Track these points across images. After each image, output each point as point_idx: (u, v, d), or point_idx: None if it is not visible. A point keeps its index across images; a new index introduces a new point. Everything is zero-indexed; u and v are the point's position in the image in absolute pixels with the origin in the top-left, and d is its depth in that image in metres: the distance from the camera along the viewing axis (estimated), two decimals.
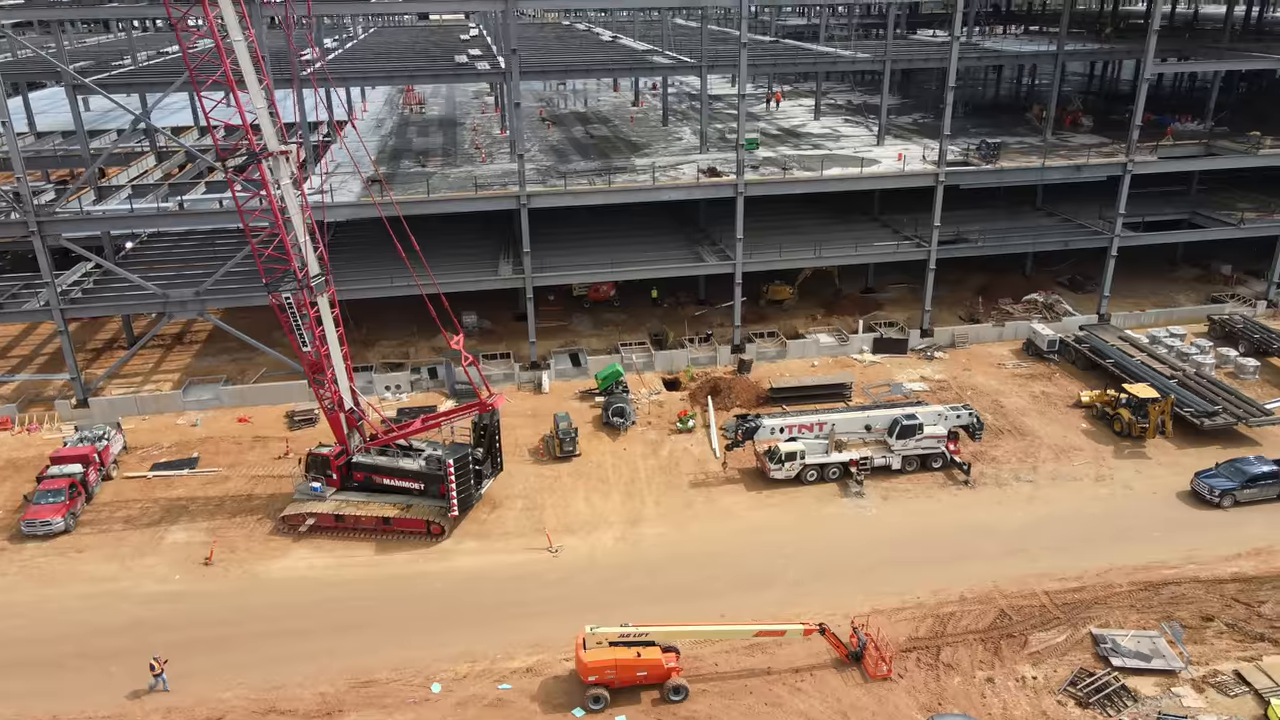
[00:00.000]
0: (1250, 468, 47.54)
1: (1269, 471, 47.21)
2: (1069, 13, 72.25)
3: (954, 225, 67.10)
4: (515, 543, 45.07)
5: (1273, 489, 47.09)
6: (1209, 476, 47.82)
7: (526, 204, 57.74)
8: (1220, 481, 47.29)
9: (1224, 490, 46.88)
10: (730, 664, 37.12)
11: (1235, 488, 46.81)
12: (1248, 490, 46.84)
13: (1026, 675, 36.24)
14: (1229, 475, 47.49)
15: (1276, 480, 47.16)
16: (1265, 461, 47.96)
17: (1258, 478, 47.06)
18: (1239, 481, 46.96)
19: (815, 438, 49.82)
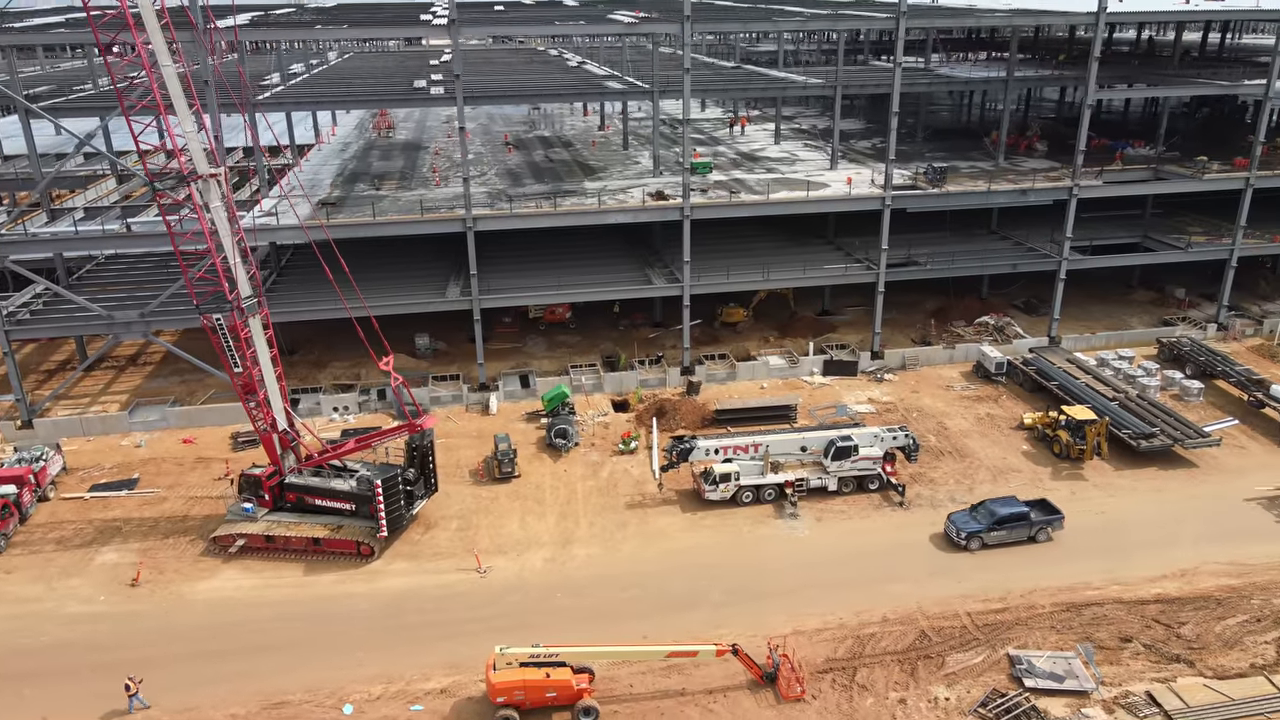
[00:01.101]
0: (1000, 509, 45.61)
1: (1017, 514, 45.42)
2: (1016, 40, 73.17)
3: (905, 248, 67.75)
4: (445, 563, 45.12)
5: (1022, 531, 45.41)
6: (958, 518, 46.24)
7: (473, 227, 58.21)
8: (968, 524, 45.60)
9: (970, 532, 45.18)
10: (645, 685, 37.12)
11: (982, 530, 45.16)
12: (995, 533, 45.13)
13: (940, 696, 36.28)
14: (978, 517, 45.82)
15: (1025, 522, 45.42)
16: (1015, 503, 46.13)
17: (1005, 520, 45.22)
18: (986, 523, 45.25)
19: (751, 459, 50.02)
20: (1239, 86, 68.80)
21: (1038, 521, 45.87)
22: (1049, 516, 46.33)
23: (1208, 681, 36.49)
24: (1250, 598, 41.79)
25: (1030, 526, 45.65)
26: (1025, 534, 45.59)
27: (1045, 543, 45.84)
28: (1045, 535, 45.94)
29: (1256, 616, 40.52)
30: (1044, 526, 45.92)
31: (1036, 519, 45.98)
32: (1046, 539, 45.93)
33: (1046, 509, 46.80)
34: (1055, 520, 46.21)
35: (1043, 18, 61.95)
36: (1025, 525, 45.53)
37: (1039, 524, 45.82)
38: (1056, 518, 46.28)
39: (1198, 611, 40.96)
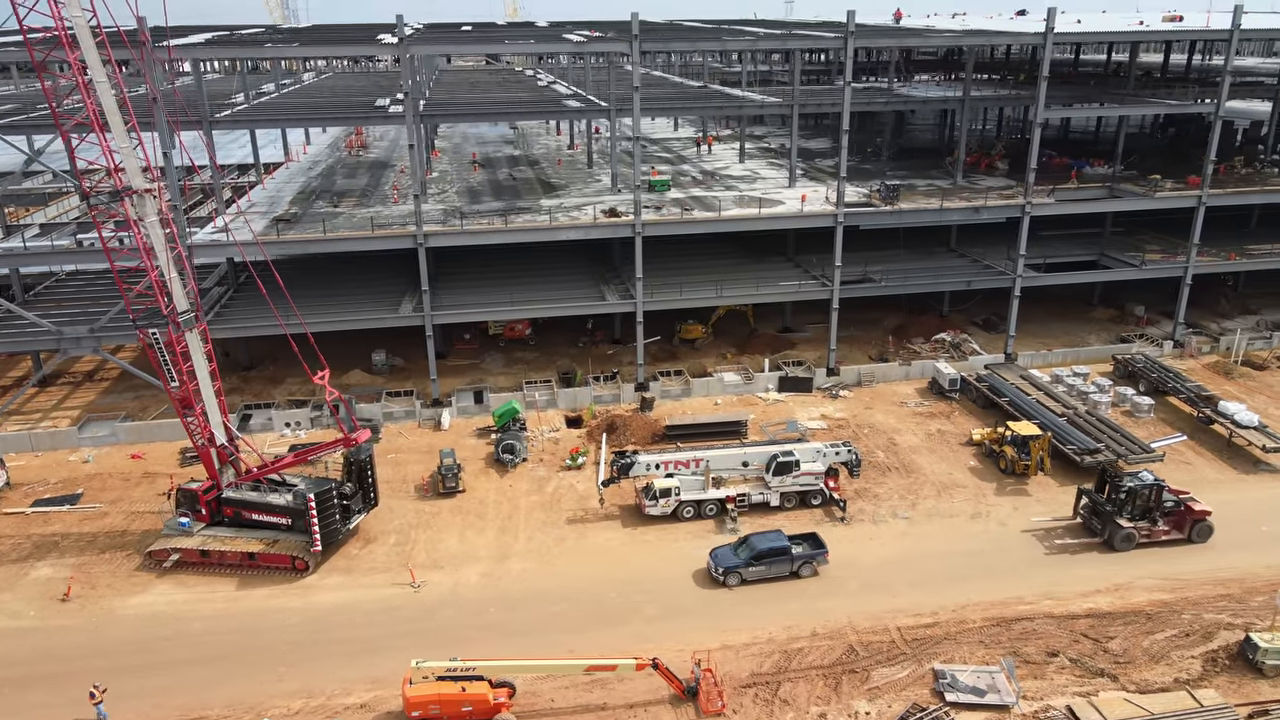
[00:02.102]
0: (760, 543, 44.09)
1: (777, 549, 43.78)
2: (973, 61, 73.89)
3: (863, 265, 68.17)
4: (380, 578, 45.04)
5: (783, 566, 43.80)
6: (720, 552, 44.68)
7: (424, 243, 58.49)
8: (728, 559, 44.06)
9: (728, 568, 43.57)
10: (567, 699, 37.00)
11: (740, 565, 43.60)
12: (754, 568, 43.55)
13: (861, 710, 36.18)
14: (740, 552, 44.28)
15: (786, 557, 43.81)
16: (778, 537, 44.48)
17: (764, 554, 43.62)
18: (745, 558, 43.75)
19: (692, 474, 50.08)
20: (1188, 106, 69.52)
21: (800, 556, 44.03)
22: (813, 551, 44.42)
23: (1129, 696, 36.41)
24: (1182, 613, 41.76)
25: (792, 561, 43.86)
26: (787, 569, 43.82)
27: (809, 578, 44.05)
28: (809, 570, 44.14)
29: (1186, 631, 40.48)
30: (807, 561, 44.09)
31: (800, 554, 44.14)
32: (811, 574, 44.13)
33: (815, 543, 44.88)
34: (819, 555, 44.31)
35: (993, 38, 62.70)
36: (786, 560, 43.79)
37: (801, 559, 44.02)
38: (820, 553, 44.32)
39: (1127, 626, 40.93)
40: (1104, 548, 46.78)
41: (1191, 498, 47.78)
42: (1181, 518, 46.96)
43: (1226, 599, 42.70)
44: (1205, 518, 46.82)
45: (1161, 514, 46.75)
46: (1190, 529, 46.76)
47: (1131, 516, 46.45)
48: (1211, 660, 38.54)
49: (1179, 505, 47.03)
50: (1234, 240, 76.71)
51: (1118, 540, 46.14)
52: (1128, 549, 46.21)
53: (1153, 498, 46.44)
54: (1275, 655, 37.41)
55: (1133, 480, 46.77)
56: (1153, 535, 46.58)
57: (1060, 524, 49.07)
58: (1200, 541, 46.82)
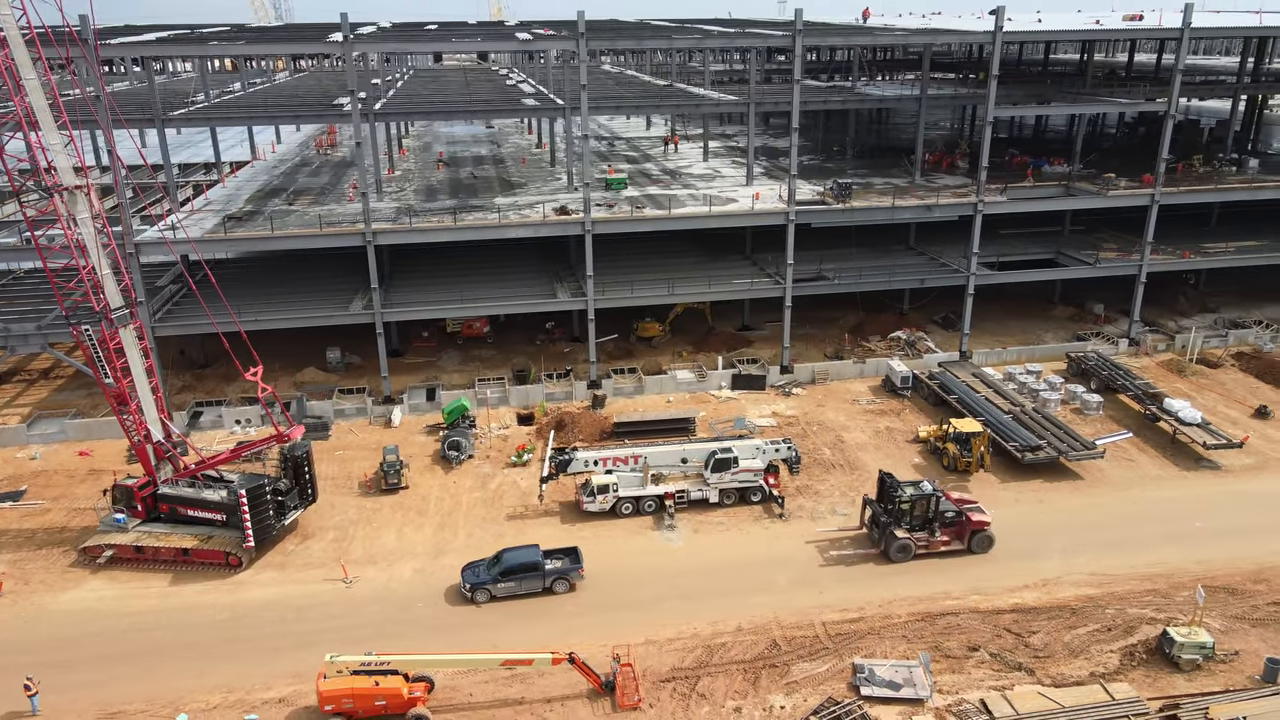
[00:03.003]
0: (511, 559, 42.77)
1: (528, 564, 42.59)
2: (928, 60, 74.06)
3: (817, 264, 68.38)
4: (314, 574, 45.19)
5: (535, 582, 42.53)
6: (469, 569, 43.41)
7: (372, 241, 58.62)
8: (476, 574, 42.79)
9: (476, 584, 42.37)
10: (486, 694, 37.17)
11: (489, 581, 42.37)
12: (503, 584, 42.30)
13: (776, 704, 36.36)
14: (491, 567, 42.97)
15: (537, 573, 42.55)
16: (531, 553, 43.16)
17: (514, 570, 42.38)
18: (494, 574, 42.48)
19: (631, 471, 50.25)
20: (1140, 105, 69.71)
21: (552, 572, 42.84)
22: (568, 567, 43.19)
23: (1042, 689, 36.60)
24: (1106, 607, 41.98)
25: (544, 577, 42.69)
26: (539, 585, 42.64)
27: (565, 594, 42.90)
28: (564, 586, 42.95)
29: (1108, 626, 40.68)
30: (561, 577, 42.84)
31: (552, 569, 42.90)
32: (566, 589, 42.96)
33: (575, 558, 43.65)
34: (573, 571, 43.09)
35: (939, 36, 62.91)
36: (538, 576, 42.62)
37: (554, 575, 42.79)
38: (575, 568, 43.13)
39: (1051, 621, 41.12)
40: (881, 559, 45.38)
41: (976, 507, 46.33)
42: (962, 528, 45.45)
43: (1153, 594, 42.92)
44: (984, 528, 45.34)
45: (942, 524, 45.35)
46: (970, 539, 45.39)
47: (911, 527, 45.15)
48: (1129, 654, 38.76)
49: (960, 516, 45.59)
50: (1194, 238, 77.00)
51: (892, 551, 44.83)
52: (903, 560, 44.91)
53: (932, 508, 45.10)
54: (1191, 650, 37.64)
55: (912, 489, 45.20)
56: (931, 546, 45.22)
57: (847, 534, 47.68)
58: (980, 552, 45.47)
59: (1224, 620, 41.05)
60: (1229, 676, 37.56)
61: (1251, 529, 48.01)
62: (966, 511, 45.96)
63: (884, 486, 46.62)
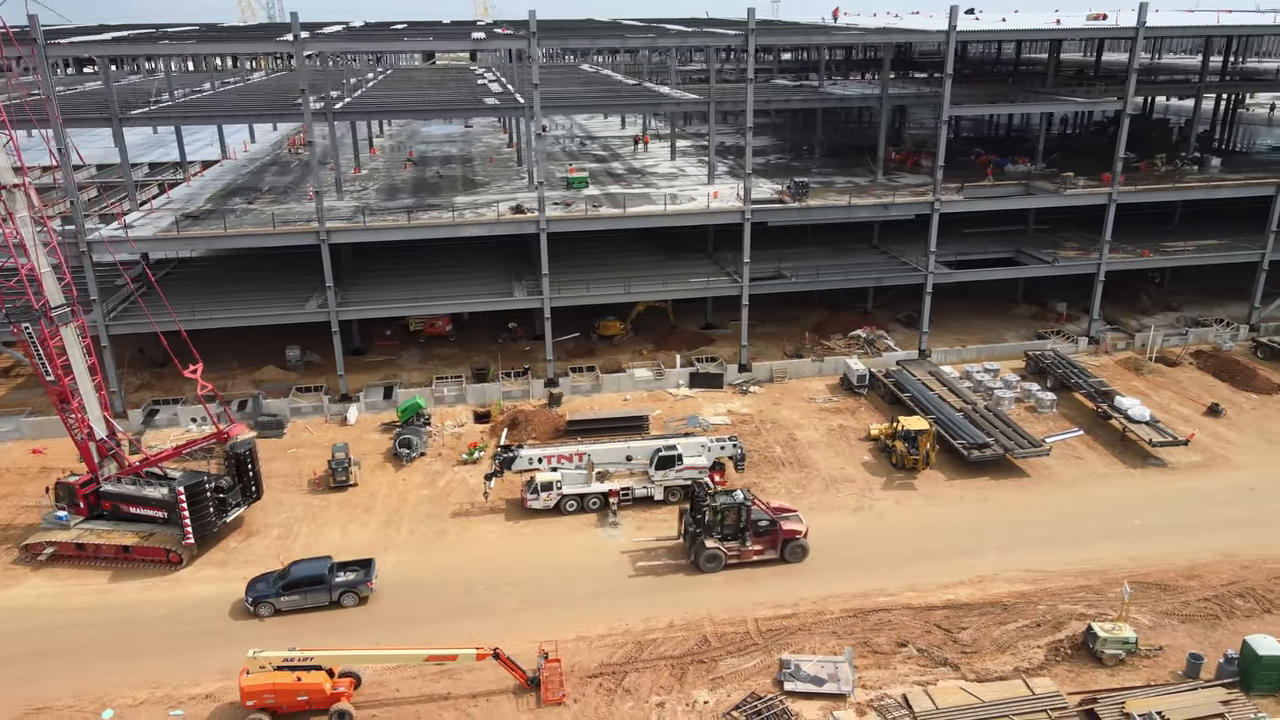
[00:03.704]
0: (297, 571, 41.99)
1: (312, 576, 41.68)
2: (890, 60, 74.29)
3: (775, 262, 68.59)
4: (254, 570, 45.14)
5: (320, 595, 41.67)
6: (257, 582, 42.49)
7: (326, 239, 58.80)
8: (260, 587, 41.91)
9: (258, 597, 41.47)
10: (413, 689, 37.36)
11: (272, 594, 41.46)
12: (287, 597, 41.47)
13: (699, 700, 36.56)
14: (277, 580, 42.08)
15: (323, 586, 41.67)
16: (319, 565, 42.31)
17: (299, 583, 41.55)
18: (277, 588, 41.64)
19: (575, 468, 50.45)
20: (1095, 104, 69.93)
21: (340, 585, 42.01)
22: (358, 579, 42.35)
23: (965, 684, 36.82)
24: (1038, 603, 42.20)
25: (331, 590, 41.83)
26: (326, 598, 41.81)
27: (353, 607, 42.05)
28: (353, 599, 42.14)
29: (1038, 622, 40.90)
30: (349, 589, 42.02)
31: (341, 582, 42.13)
32: (355, 602, 42.16)
33: (368, 570, 42.82)
34: (362, 584, 42.20)
35: (895, 35, 63.13)
36: (324, 590, 41.77)
37: (341, 587, 41.97)
38: (364, 581, 42.22)
39: (982, 617, 41.33)
40: (691, 569, 44.55)
41: (791, 516, 45.82)
42: (776, 537, 44.72)
43: (1085, 590, 43.15)
44: (796, 537, 44.69)
45: (755, 533, 44.60)
46: (783, 548, 44.73)
47: (722, 536, 44.38)
48: (1055, 650, 38.98)
49: (773, 525, 44.82)
50: (1158, 237, 77.18)
51: (702, 561, 44.00)
52: (713, 570, 44.11)
53: (743, 517, 44.35)
54: (1114, 645, 37.87)
55: (725, 498, 44.55)
56: (743, 556, 44.40)
57: (665, 544, 46.69)
58: (794, 561, 44.72)
59: (1153, 616, 41.30)
60: (1152, 671, 37.79)
61: (1190, 526, 48.23)
62: (780, 521, 44.98)
63: (694, 495, 45.62)
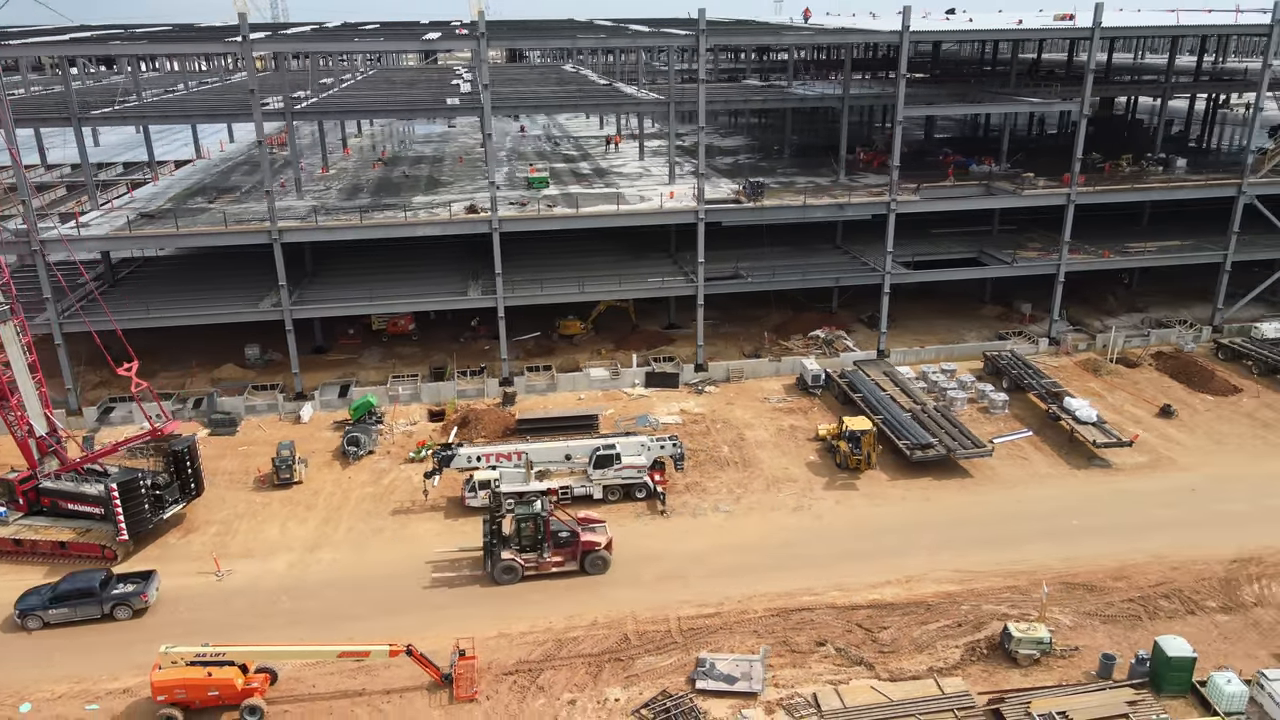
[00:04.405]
0: (67, 583, 41.17)
1: (82, 589, 40.81)
2: (850, 61, 74.25)
3: (734, 262, 68.73)
4: (189, 566, 45.72)
5: (91, 608, 40.76)
6: (29, 595, 41.41)
7: (278, 239, 59.19)
8: (31, 600, 40.90)
9: (25, 609, 40.55)
10: (329, 685, 37.66)
11: (40, 606, 40.56)
12: (57, 610, 40.59)
13: (611, 697, 36.75)
14: (48, 592, 41.15)
15: (94, 599, 40.75)
16: (90, 577, 41.40)
17: (68, 596, 40.65)
18: (46, 600, 40.71)
19: (514, 467, 50.68)
20: (1050, 104, 69.80)
21: (112, 597, 41.01)
22: (131, 591, 41.44)
23: (877, 684, 36.92)
24: (963, 604, 42.24)
25: (103, 603, 40.88)
26: (97, 611, 40.92)
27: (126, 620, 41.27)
28: (126, 612, 41.22)
29: (959, 622, 40.95)
30: (121, 602, 41.07)
31: (114, 594, 41.12)
32: (128, 615, 41.28)
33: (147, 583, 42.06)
34: (135, 596, 41.30)
35: (848, 36, 63.08)
36: (95, 602, 40.83)
37: (115, 600, 41.03)
38: (138, 593, 41.37)
39: (905, 617, 41.40)
40: (488, 581, 43.82)
41: (597, 527, 45.19)
42: (576, 548, 44.06)
43: (1012, 590, 43.16)
44: (595, 548, 44.02)
45: (555, 544, 44.06)
46: (583, 560, 44.11)
47: (521, 547, 43.98)
48: (972, 650, 39.05)
49: (573, 536, 44.16)
50: (1127, 238, 76.88)
51: (497, 572, 43.47)
52: (510, 582, 43.51)
53: (541, 528, 43.84)
54: (1028, 645, 37.92)
55: (523, 508, 43.95)
56: (541, 568, 43.88)
57: (468, 554, 45.63)
58: (595, 573, 44.15)
59: (1076, 616, 41.33)
60: (1066, 671, 37.83)
61: (1126, 527, 48.20)
62: (580, 532, 44.40)
63: (490, 506, 44.61)
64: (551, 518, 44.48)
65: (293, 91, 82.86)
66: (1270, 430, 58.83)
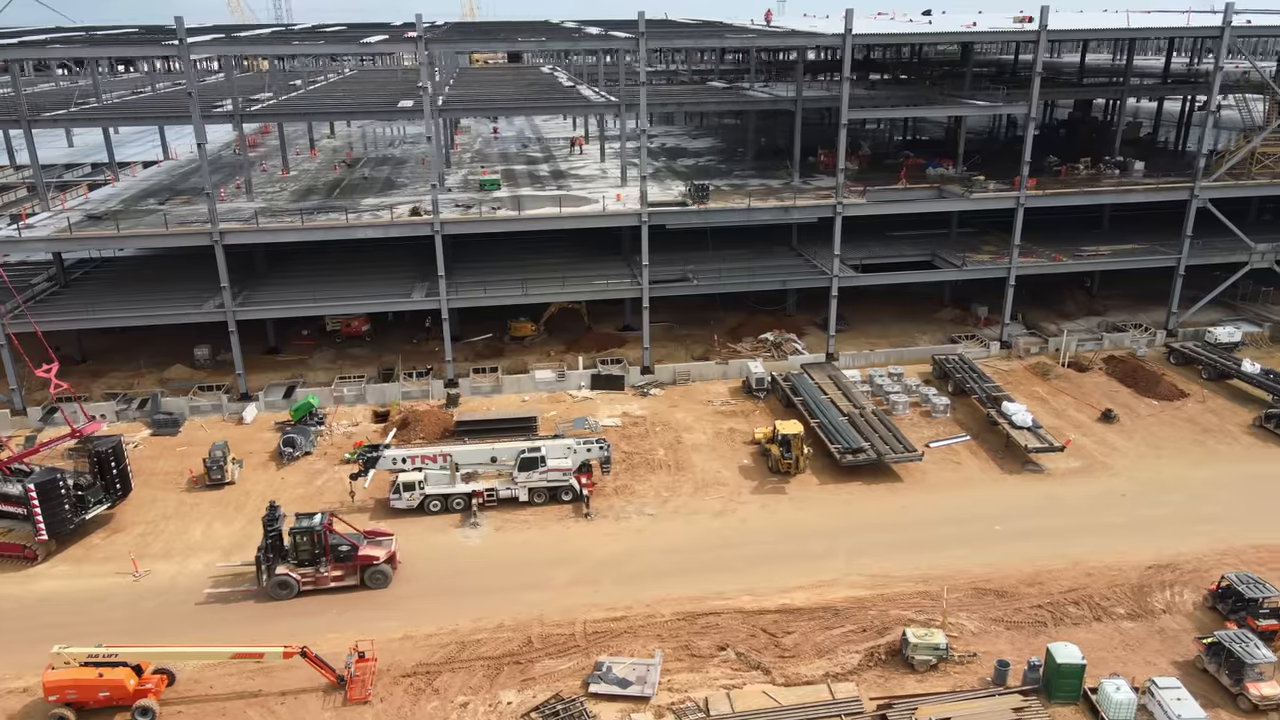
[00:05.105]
0: None
1: None
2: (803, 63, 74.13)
3: (681, 265, 68.78)
4: (109, 567, 46.05)
5: None
6: None
7: (219, 240, 59.51)
8: None
9: None
10: (227, 687, 37.89)
11: None
12: None
13: (504, 700, 36.87)
14: None
15: None
16: None
17: None
18: None
19: (441, 469, 50.85)
20: (997, 107, 69.55)
21: None
22: None
23: (770, 689, 36.93)
24: (871, 609, 42.17)
25: None
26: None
27: None
28: None
29: (865, 627, 40.89)
30: None
31: None
32: None
33: None
34: None
35: (791, 39, 62.91)
36: None
37: None
38: None
39: (811, 622, 41.37)
40: (262, 596, 43.03)
41: (383, 540, 44.66)
42: (356, 562, 43.44)
43: (923, 596, 43.06)
44: (374, 562, 43.34)
45: (335, 559, 43.23)
46: (363, 574, 43.49)
47: (298, 561, 43.11)
48: (871, 655, 39.01)
49: (353, 550, 43.41)
50: (1088, 241, 76.49)
51: (272, 587, 42.69)
52: (285, 597, 42.69)
53: (319, 542, 42.94)
54: (924, 651, 37.87)
55: (303, 521, 43.12)
56: (319, 582, 43.10)
57: (249, 569, 44.33)
58: (376, 587, 43.48)
59: (982, 622, 41.24)
60: (962, 678, 37.76)
61: (1049, 532, 48.07)
62: (360, 546, 43.76)
63: (265, 519, 43.53)
64: (331, 532, 43.41)
65: (259, 93, 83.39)
66: (1210, 435, 58.54)
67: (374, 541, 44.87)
